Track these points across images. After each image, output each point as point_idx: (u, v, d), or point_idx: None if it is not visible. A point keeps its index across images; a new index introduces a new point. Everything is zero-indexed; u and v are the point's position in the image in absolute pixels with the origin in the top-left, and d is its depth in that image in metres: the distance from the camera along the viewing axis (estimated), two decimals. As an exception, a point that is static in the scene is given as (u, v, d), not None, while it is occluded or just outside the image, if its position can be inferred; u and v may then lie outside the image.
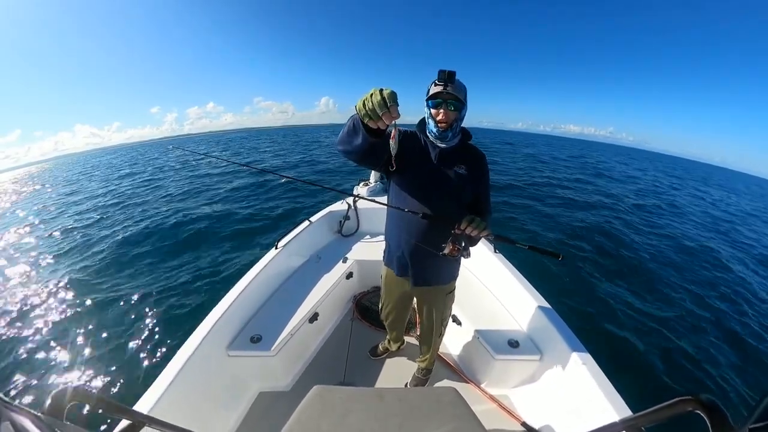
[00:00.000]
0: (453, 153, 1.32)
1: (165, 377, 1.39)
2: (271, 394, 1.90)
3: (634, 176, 20.40)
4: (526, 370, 1.82)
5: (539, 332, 1.82)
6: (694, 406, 0.48)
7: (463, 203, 1.37)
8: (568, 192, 11.40)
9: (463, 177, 1.30)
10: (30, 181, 27.65)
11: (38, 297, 4.72)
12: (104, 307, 4.12)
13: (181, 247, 5.93)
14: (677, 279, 5.31)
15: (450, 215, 1.22)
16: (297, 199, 8.86)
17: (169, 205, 9.23)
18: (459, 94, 1.17)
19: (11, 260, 6.42)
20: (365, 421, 1.08)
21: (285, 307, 2.06)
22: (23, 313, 4.35)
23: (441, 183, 1.31)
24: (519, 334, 1.88)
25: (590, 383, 1.40)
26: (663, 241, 7.14)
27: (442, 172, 1.31)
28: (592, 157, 32.40)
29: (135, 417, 0.69)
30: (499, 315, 2.07)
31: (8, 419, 0.33)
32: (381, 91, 0.85)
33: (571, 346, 1.56)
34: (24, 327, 4.00)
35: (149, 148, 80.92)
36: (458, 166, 1.30)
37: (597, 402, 1.34)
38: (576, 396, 1.48)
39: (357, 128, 1.00)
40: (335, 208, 3.11)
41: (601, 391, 1.34)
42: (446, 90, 1.14)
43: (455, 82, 1.15)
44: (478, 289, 2.33)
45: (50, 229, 8.45)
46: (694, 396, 0.49)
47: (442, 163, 1.31)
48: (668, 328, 3.86)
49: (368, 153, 1.08)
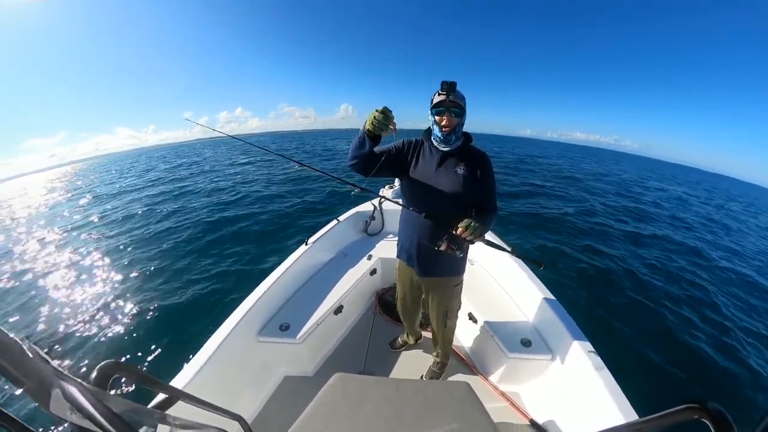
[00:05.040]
0: (454, 155, 1.39)
1: (200, 357, 1.44)
2: (295, 379, 1.93)
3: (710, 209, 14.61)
4: (537, 368, 1.77)
5: (551, 332, 1.77)
6: (701, 414, 0.45)
7: (465, 202, 1.40)
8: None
9: (465, 177, 1.35)
10: (79, 175, 29.75)
11: (90, 276, 5.08)
12: (149, 290, 4.34)
13: (227, 239, 6.14)
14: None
15: (450, 215, 1.28)
16: (334, 199, 8.99)
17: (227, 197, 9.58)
18: (459, 101, 1.26)
19: (64, 244, 6.97)
20: (381, 409, 1.08)
21: (312, 299, 2.09)
22: (75, 290, 4.68)
23: (443, 184, 1.37)
24: (532, 333, 1.84)
25: (599, 385, 1.35)
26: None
27: (444, 174, 1.38)
28: (625, 173, 26.54)
29: (171, 391, 0.71)
30: (512, 314, 2.03)
31: (59, 387, 0.35)
32: (382, 109, 1.13)
33: (582, 348, 1.52)
34: (75, 303, 4.29)
35: (188, 147, 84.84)
36: (459, 167, 1.36)
37: (605, 404, 1.29)
38: (584, 397, 1.43)
39: (363, 141, 1.24)
40: (362, 209, 3.16)
41: (610, 394, 1.29)
42: (449, 98, 1.25)
43: (456, 92, 1.26)
44: (493, 287, 2.29)
45: (99, 213, 9.11)
46: (701, 404, 0.45)
47: (444, 165, 1.39)
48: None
49: (370, 159, 1.32)
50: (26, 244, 7.67)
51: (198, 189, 11.89)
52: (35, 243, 7.62)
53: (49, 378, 0.34)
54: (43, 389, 0.33)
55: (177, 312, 3.79)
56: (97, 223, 8.62)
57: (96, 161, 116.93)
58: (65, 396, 0.35)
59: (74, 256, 6.17)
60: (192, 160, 27.47)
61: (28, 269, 5.80)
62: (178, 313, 3.77)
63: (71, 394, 0.35)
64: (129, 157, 78.30)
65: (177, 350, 3.14)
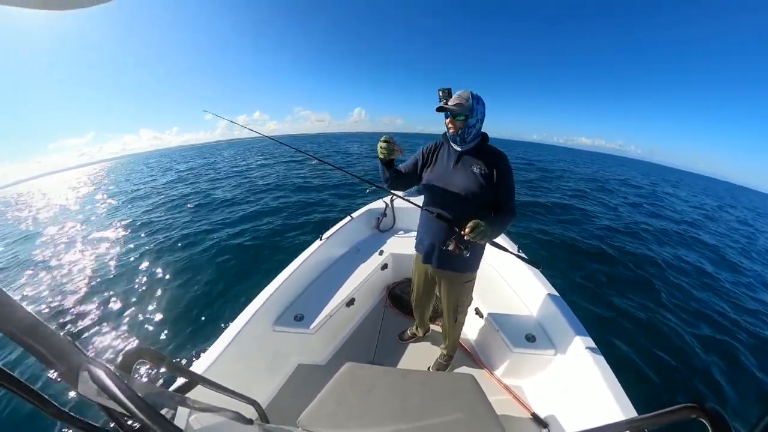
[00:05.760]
0: (470, 155, 1.41)
1: (219, 345, 1.50)
2: (308, 367, 1.99)
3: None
4: (540, 363, 1.78)
5: (555, 329, 1.78)
6: (698, 413, 0.45)
7: (480, 202, 1.40)
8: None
9: (480, 176, 1.37)
10: (111, 173, 31.01)
11: (118, 265, 5.28)
12: (175, 281, 4.49)
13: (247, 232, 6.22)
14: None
15: (464, 215, 1.32)
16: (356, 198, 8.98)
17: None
18: (456, 106, 1.29)
19: (95, 230, 7.28)
20: (389, 397, 1.10)
21: (326, 292, 2.15)
22: (104, 278, 4.88)
23: (457, 182, 1.40)
24: (536, 329, 1.85)
25: (600, 382, 1.35)
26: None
27: (459, 173, 1.41)
28: (662, 185, 23.74)
29: (191, 376, 0.74)
30: (518, 309, 2.04)
31: (86, 369, 0.37)
32: (385, 139, 1.35)
33: (584, 345, 1.53)
34: (104, 291, 4.48)
35: (211, 149, 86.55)
36: (475, 167, 1.38)
37: (605, 400, 1.30)
38: (585, 393, 1.44)
39: (382, 168, 1.47)
40: (374, 206, 3.21)
41: (610, 391, 1.29)
42: (447, 104, 1.30)
43: (452, 96, 1.31)
44: (500, 284, 2.32)
45: (131, 207, 9.45)
46: (699, 404, 0.45)
47: (460, 163, 1.42)
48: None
49: (399, 177, 1.52)
50: (65, 232, 8.10)
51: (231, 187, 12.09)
52: (77, 231, 8.03)
53: (78, 362, 0.37)
54: (73, 372, 0.36)
55: (201, 305, 3.90)
56: (133, 217, 8.85)
57: (122, 160, 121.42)
58: (93, 378, 0.38)
59: (113, 246, 6.41)
60: (213, 159, 28.00)
61: (65, 258, 6.14)
62: (202, 305, 3.90)
63: (98, 376, 0.38)
64: (151, 156, 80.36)
65: (198, 339, 3.26)
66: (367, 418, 1.04)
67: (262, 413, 1.04)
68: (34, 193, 28.81)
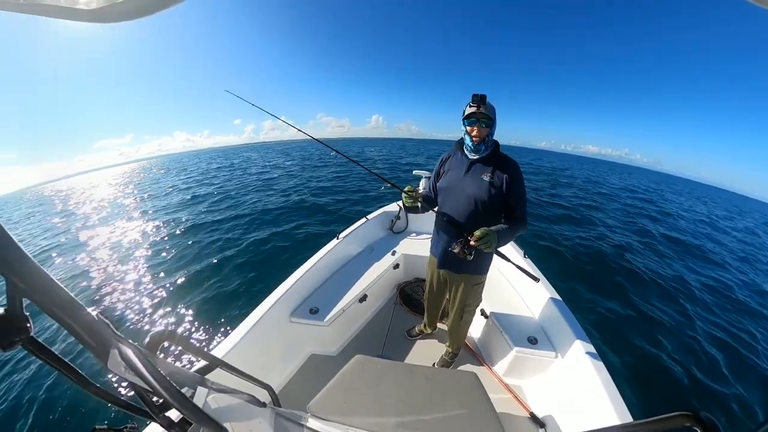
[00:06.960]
0: (483, 162, 1.43)
1: (238, 332, 1.57)
2: (320, 357, 2.05)
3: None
4: (540, 365, 1.79)
5: (556, 332, 1.79)
6: (692, 422, 0.43)
7: (490, 208, 1.41)
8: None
9: (490, 183, 1.38)
10: (150, 170, 32.69)
11: (151, 252, 5.58)
12: (203, 271, 4.69)
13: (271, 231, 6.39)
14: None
15: (473, 221, 1.39)
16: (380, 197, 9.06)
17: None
18: (489, 113, 1.30)
19: (131, 226, 7.71)
20: (395, 390, 1.12)
21: (340, 287, 2.21)
22: (138, 264, 5.17)
23: (468, 189, 1.42)
24: (538, 331, 1.87)
25: (598, 386, 1.35)
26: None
27: (470, 180, 1.43)
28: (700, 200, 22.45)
29: (211, 359, 0.78)
30: (521, 311, 2.06)
31: (116, 347, 0.40)
32: (406, 190, 1.49)
33: (584, 349, 1.53)
34: (136, 275, 4.77)
35: (240, 150, 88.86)
36: (486, 174, 1.40)
37: (602, 404, 1.29)
38: (583, 396, 1.43)
39: (411, 210, 1.59)
40: (388, 209, 3.31)
41: (607, 395, 1.28)
42: (479, 110, 1.29)
43: (486, 104, 1.30)
44: (505, 286, 2.34)
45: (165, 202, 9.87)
46: (693, 412, 0.44)
47: (471, 171, 1.44)
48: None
49: (426, 203, 1.58)
50: (112, 224, 8.72)
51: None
52: (122, 222, 8.64)
53: (109, 340, 0.40)
54: (104, 349, 0.39)
55: (222, 292, 4.07)
56: (175, 212, 9.25)
57: (158, 160, 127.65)
58: (121, 356, 0.40)
59: (154, 239, 6.74)
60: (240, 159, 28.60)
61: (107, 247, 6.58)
62: (223, 292, 4.07)
63: (126, 354, 0.41)
64: (185, 157, 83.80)
65: (221, 327, 3.42)
66: (373, 408, 1.07)
67: (274, 398, 1.09)
68: (83, 187, 30.70)
